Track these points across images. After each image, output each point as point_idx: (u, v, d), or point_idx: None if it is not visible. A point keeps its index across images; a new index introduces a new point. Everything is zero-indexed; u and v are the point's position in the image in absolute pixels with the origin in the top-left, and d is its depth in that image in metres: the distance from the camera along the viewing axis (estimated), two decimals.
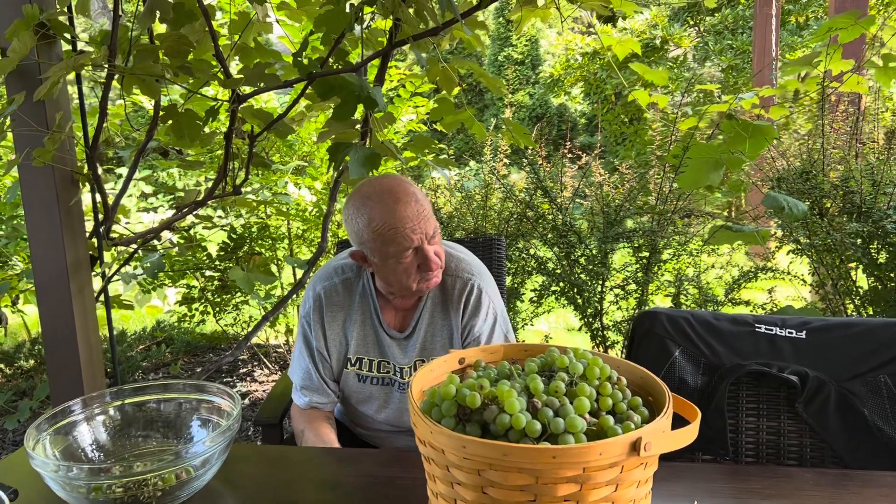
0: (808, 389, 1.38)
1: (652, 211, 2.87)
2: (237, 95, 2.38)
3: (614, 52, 2.92)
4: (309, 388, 1.76)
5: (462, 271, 1.73)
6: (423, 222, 1.54)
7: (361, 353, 1.74)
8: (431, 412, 0.99)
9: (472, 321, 1.71)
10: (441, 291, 1.73)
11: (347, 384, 1.78)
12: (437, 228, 1.60)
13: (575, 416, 0.94)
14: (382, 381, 1.76)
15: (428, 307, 1.72)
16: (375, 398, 1.78)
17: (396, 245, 1.54)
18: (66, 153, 2.45)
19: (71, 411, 1.29)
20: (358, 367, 1.75)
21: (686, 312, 1.50)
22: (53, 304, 2.53)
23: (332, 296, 1.73)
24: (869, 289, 2.56)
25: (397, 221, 1.51)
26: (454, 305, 1.71)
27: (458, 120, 2.63)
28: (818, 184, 2.61)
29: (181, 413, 1.37)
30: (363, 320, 1.74)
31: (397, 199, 1.53)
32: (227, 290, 3.55)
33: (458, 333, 1.72)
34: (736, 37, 9.80)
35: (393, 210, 1.52)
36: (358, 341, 1.74)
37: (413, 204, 1.53)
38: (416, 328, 1.72)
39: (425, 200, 1.59)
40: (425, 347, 1.73)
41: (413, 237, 1.53)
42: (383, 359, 1.75)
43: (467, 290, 1.71)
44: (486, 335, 1.72)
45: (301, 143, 3.62)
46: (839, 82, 2.66)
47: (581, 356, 1.07)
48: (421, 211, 1.54)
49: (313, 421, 1.73)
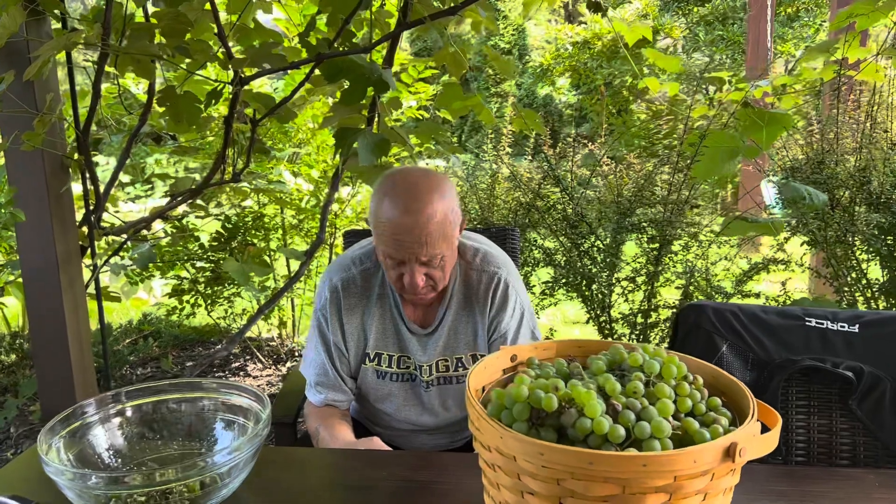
0: (862, 385, 1.32)
1: (663, 201, 2.81)
2: (240, 77, 2.27)
3: (624, 39, 2.85)
4: (325, 385, 1.67)
5: (487, 264, 1.64)
6: (420, 243, 1.41)
7: (381, 348, 1.65)
8: (501, 415, 0.91)
9: (498, 317, 1.63)
10: (465, 286, 1.64)
11: (365, 381, 1.69)
12: (442, 256, 1.47)
13: (660, 419, 0.86)
14: (402, 377, 1.67)
15: (454, 304, 1.64)
16: (395, 396, 1.69)
17: (384, 245, 1.46)
18: (57, 137, 2.33)
19: (84, 412, 1.19)
20: (377, 363, 1.66)
21: (733, 305, 1.44)
22: (42, 297, 2.41)
23: (349, 287, 1.64)
24: (885, 280, 2.52)
25: (394, 227, 1.42)
26: (480, 301, 1.63)
27: (466, 105, 2.54)
28: (834, 173, 2.56)
29: (204, 414, 1.27)
30: (382, 314, 1.64)
31: (408, 208, 1.41)
32: (219, 281, 3.43)
33: (484, 330, 1.63)
34: (727, 27, 9.80)
35: (398, 214, 1.41)
36: (377, 335, 1.65)
37: (422, 221, 1.40)
38: (441, 325, 1.64)
39: (444, 223, 1.44)
40: (448, 346, 1.64)
41: (401, 251, 1.43)
42: (403, 354, 1.66)
43: (494, 284, 1.62)
44: (512, 332, 1.64)
45: (296, 130, 3.50)
46: (855, 70, 2.61)
47: (655, 353, 0.99)
48: (427, 231, 1.41)
49: (328, 419, 1.64)
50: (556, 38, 10.72)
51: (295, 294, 3.82)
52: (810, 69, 2.53)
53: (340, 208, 3.48)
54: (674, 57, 2.52)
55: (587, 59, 10.08)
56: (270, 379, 3.69)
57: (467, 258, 1.65)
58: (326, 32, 2.34)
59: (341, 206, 3.47)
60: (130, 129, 2.63)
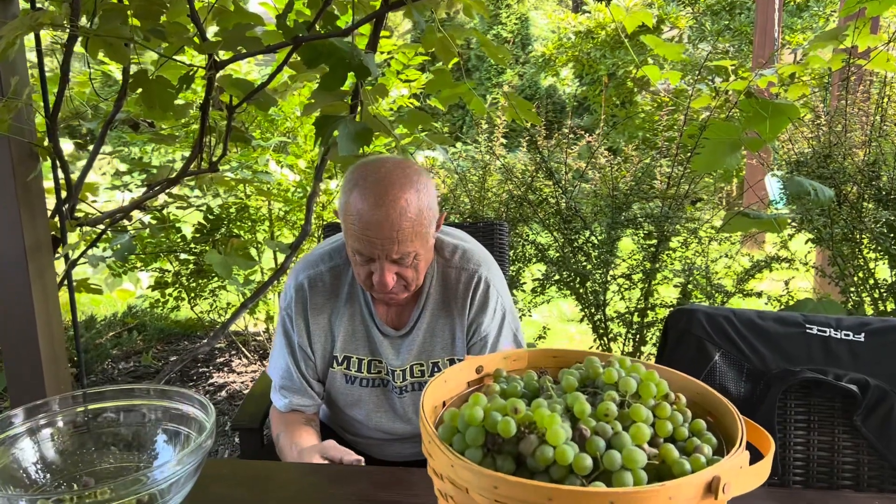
0: (867, 400, 1.21)
1: (662, 195, 2.69)
2: (214, 62, 2.16)
3: (623, 26, 2.73)
4: (289, 389, 1.57)
5: (467, 262, 1.53)
6: (390, 240, 1.31)
7: (349, 350, 1.55)
8: (452, 440, 0.80)
9: (478, 318, 1.52)
10: (443, 285, 1.53)
11: (334, 385, 1.58)
12: (415, 254, 1.36)
13: (633, 447, 0.75)
14: (373, 382, 1.57)
15: (430, 305, 1.53)
16: (365, 401, 1.58)
17: (352, 241, 1.35)
18: (24, 123, 2.22)
19: (11, 423, 1.08)
20: (345, 367, 1.56)
21: (727, 310, 1.32)
22: (10, 289, 2.30)
23: (316, 285, 1.53)
24: (894, 281, 2.40)
25: (363, 222, 1.31)
26: (458, 301, 1.52)
27: (455, 93, 2.43)
28: (842, 168, 2.44)
29: (145, 424, 1.16)
30: (352, 314, 1.54)
31: (379, 201, 1.30)
32: (203, 274, 3.33)
33: (463, 332, 1.53)
34: (734, 17, 9.61)
35: (367, 208, 1.30)
36: (346, 337, 1.54)
37: (394, 216, 1.29)
38: (416, 327, 1.53)
39: (418, 219, 1.33)
40: (423, 349, 1.54)
41: (370, 248, 1.32)
42: (374, 357, 1.55)
43: (473, 284, 1.51)
44: (493, 334, 1.53)
45: (283, 118, 3.39)
46: (865, 59, 2.48)
47: (631, 369, 0.88)
48: (399, 227, 1.30)
49: (290, 425, 1.53)
50: (559, 28, 10.53)
51: (281, 288, 3.72)
52: (818, 57, 2.41)
53: (328, 199, 3.37)
54: (675, 45, 2.40)
55: (590, 49, 9.89)
56: (255, 375, 3.59)
57: (445, 255, 1.54)
58: (309, 15, 2.22)
59: (329, 197, 3.36)
60: (106, 115, 2.52)
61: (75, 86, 2.86)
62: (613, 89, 10.04)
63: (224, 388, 3.45)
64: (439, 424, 0.86)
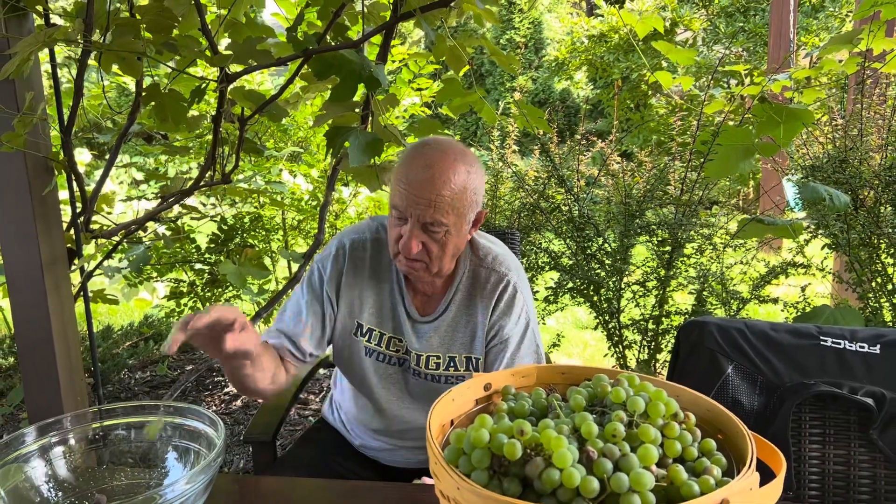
0: (884, 413, 1.19)
1: (676, 202, 2.66)
2: (226, 74, 2.17)
3: (635, 31, 2.71)
4: (284, 332, 1.52)
5: (499, 265, 1.55)
6: (428, 203, 1.34)
7: (374, 324, 1.56)
8: (458, 462, 0.79)
9: (502, 320, 1.52)
10: (472, 283, 1.55)
11: (353, 357, 1.58)
12: (446, 230, 1.38)
13: (640, 469, 0.74)
14: (390, 359, 1.57)
15: (457, 298, 1.54)
16: (380, 377, 1.58)
17: (394, 196, 1.39)
18: (40, 137, 2.24)
19: (23, 441, 1.09)
20: (367, 339, 1.56)
21: (739, 322, 1.31)
22: (27, 301, 2.33)
23: (357, 250, 1.56)
24: None
25: (409, 179, 1.35)
26: (484, 300, 1.53)
27: (466, 102, 2.43)
28: (858, 172, 2.41)
29: (155, 441, 1.17)
30: (382, 287, 1.56)
31: (431, 163, 1.35)
32: (218, 284, 3.34)
33: (483, 331, 1.53)
34: (748, 19, 9.53)
35: (418, 169, 1.35)
36: (373, 310, 1.55)
37: (439, 182, 1.34)
38: (441, 317, 1.54)
39: (460, 194, 1.36)
40: (443, 342, 1.55)
41: (408, 204, 1.36)
42: (396, 335, 1.56)
43: (502, 286, 1.53)
44: (515, 340, 1.53)
45: (296, 128, 3.40)
46: (880, 62, 2.45)
47: (640, 387, 0.87)
48: (440, 193, 1.34)
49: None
50: (573, 32, 10.50)
51: None
52: (833, 60, 2.38)
53: (342, 208, 3.37)
54: (687, 49, 2.38)
55: (603, 53, 9.85)
56: None
57: (479, 255, 1.57)
58: (319, 26, 2.23)
59: (342, 206, 3.37)
60: (121, 128, 2.54)
61: (90, 98, 2.89)
62: (627, 92, 9.99)
63: (239, 398, 3.46)
64: (446, 445, 0.85)
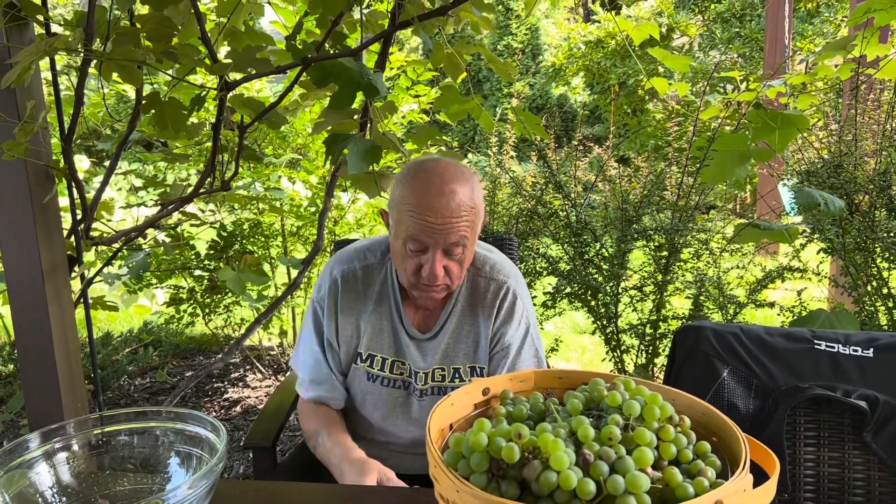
0: (878, 416, 1.21)
1: (672, 207, 2.68)
2: (225, 83, 2.19)
3: (631, 38, 2.73)
4: (317, 381, 1.59)
5: (497, 273, 1.57)
6: (449, 228, 1.35)
7: (374, 349, 1.57)
8: (458, 465, 0.81)
9: (503, 328, 1.54)
10: (471, 293, 1.57)
11: (354, 383, 1.60)
12: (464, 248, 1.40)
13: (636, 472, 0.76)
14: (394, 383, 1.58)
15: (457, 310, 1.56)
16: (384, 402, 1.59)
17: (409, 229, 1.37)
18: (40, 146, 2.26)
19: (27, 447, 1.10)
20: (368, 364, 1.58)
21: (734, 327, 1.32)
22: (28, 309, 2.34)
23: (349, 281, 1.57)
24: None
25: (424, 208, 1.34)
26: (485, 309, 1.55)
27: (464, 109, 2.45)
28: (852, 177, 2.43)
29: (158, 446, 1.18)
30: (380, 313, 1.57)
31: (443, 189, 1.35)
32: (218, 290, 3.36)
33: (486, 341, 1.55)
34: (744, 24, 9.57)
35: (431, 196, 1.34)
36: (372, 336, 1.56)
37: (454, 204, 1.34)
38: (442, 331, 1.55)
39: (474, 212, 1.39)
40: (447, 354, 1.56)
41: (428, 235, 1.35)
42: (398, 358, 1.57)
43: (502, 294, 1.55)
44: (516, 346, 1.55)
45: (295, 135, 3.42)
46: (874, 68, 2.48)
47: (636, 391, 0.89)
48: (458, 215, 1.35)
49: (331, 425, 1.53)
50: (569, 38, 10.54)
51: (295, 302, 3.74)
52: (827, 66, 2.40)
53: (340, 215, 3.39)
54: (683, 56, 2.40)
55: (600, 59, 9.89)
56: (269, 390, 3.61)
57: (477, 265, 1.59)
58: (318, 34, 2.25)
59: (341, 212, 3.39)
60: (120, 135, 2.56)
61: (89, 106, 2.91)
62: (624, 98, 10.02)
63: (239, 404, 3.48)
64: (445, 449, 0.87)
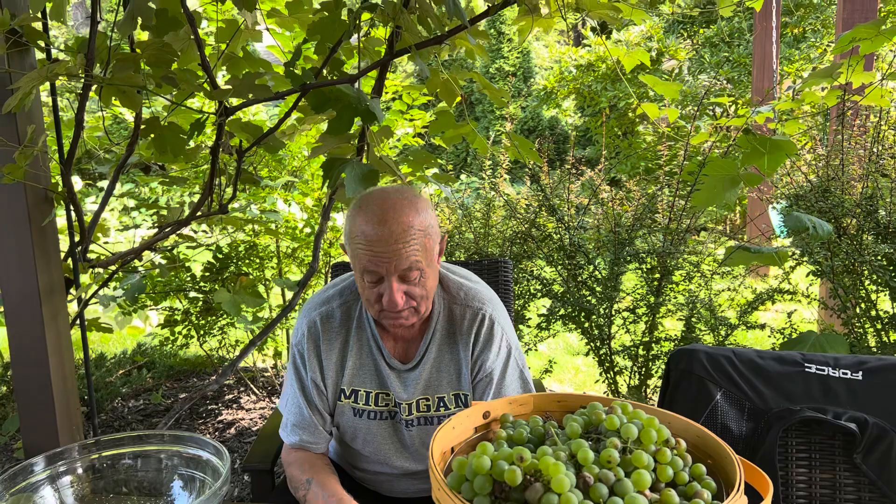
0: (867, 438, 1.23)
1: (664, 230, 2.72)
2: (224, 108, 2.22)
3: (622, 64, 2.79)
4: (300, 426, 1.59)
5: (472, 300, 1.58)
6: (396, 253, 1.35)
7: (357, 384, 1.58)
8: (461, 488, 0.83)
9: (483, 355, 1.55)
10: (448, 321, 1.58)
11: (342, 419, 1.61)
12: (421, 271, 1.40)
13: (635, 493, 0.78)
14: (381, 415, 1.59)
15: (437, 338, 1.56)
16: (374, 434, 1.60)
17: (360, 261, 1.39)
18: (40, 169, 2.28)
19: (32, 471, 1.11)
20: (353, 400, 1.58)
21: (727, 350, 1.35)
22: (24, 331, 2.34)
23: (328, 321, 1.58)
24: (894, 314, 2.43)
25: (369, 240, 1.36)
26: (463, 337, 1.55)
27: (459, 134, 2.49)
28: (840, 201, 2.47)
29: (161, 470, 1.20)
30: (360, 347, 1.57)
31: (383, 219, 1.36)
32: (212, 312, 3.36)
33: (468, 368, 1.56)
34: (732, 49, 9.71)
35: (373, 226, 1.36)
36: (353, 370, 1.57)
37: (398, 230, 1.35)
38: (422, 361, 1.56)
39: (422, 234, 1.39)
40: (430, 384, 1.57)
41: (378, 263, 1.36)
42: (382, 390, 1.58)
43: (478, 321, 1.55)
44: (499, 371, 1.56)
45: (291, 158, 3.45)
46: (859, 95, 2.53)
47: (633, 415, 0.91)
48: (403, 239, 1.35)
49: (319, 471, 1.54)
50: (560, 61, 10.67)
51: (289, 324, 3.75)
52: (814, 93, 2.46)
53: (335, 236, 3.41)
54: (673, 83, 2.45)
55: (591, 82, 10.01)
56: (264, 412, 3.60)
57: (452, 292, 1.59)
58: (316, 61, 2.29)
59: (336, 234, 3.41)
60: (118, 158, 2.58)
61: (87, 129, 2.93)
62: (615, 120, 10.13)
63: (233, 426, 3.47)
64: (448, 472, 0.89)
